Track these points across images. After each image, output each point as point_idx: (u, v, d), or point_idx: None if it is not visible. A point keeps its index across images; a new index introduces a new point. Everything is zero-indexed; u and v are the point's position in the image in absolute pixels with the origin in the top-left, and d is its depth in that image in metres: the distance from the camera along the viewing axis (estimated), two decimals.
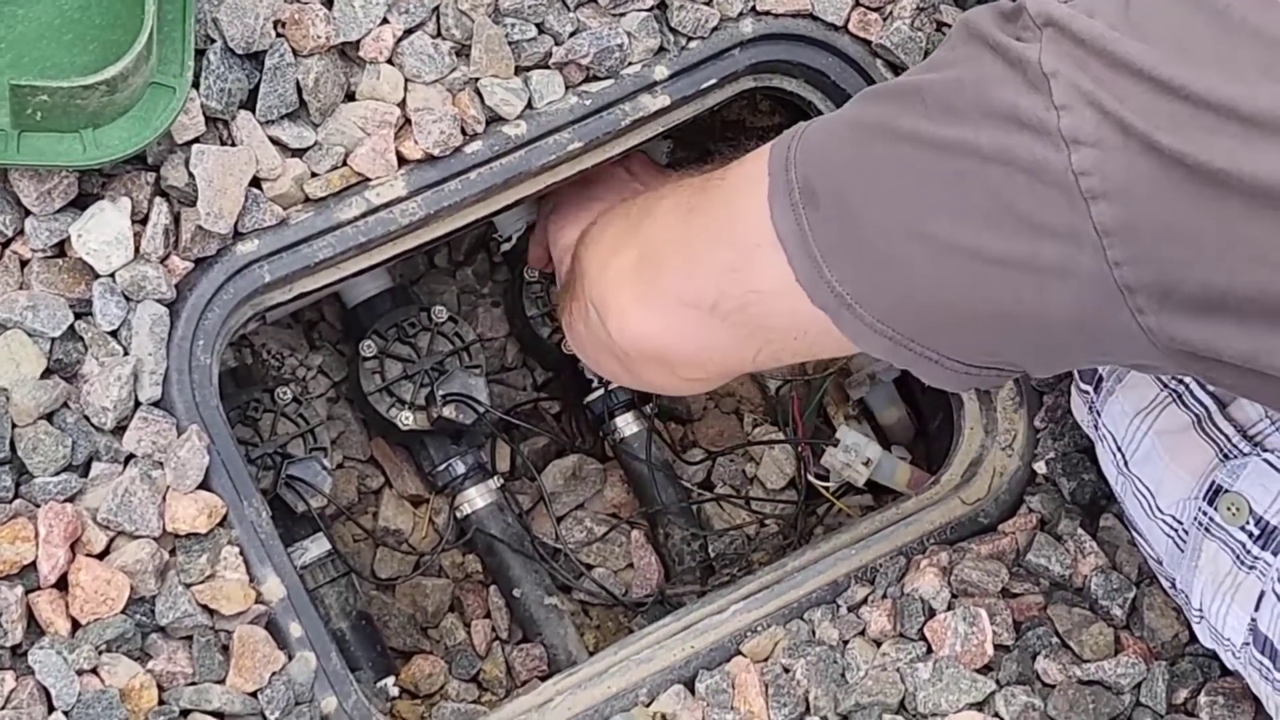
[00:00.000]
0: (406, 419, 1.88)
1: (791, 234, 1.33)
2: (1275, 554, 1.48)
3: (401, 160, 1.67)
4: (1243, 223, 1.16)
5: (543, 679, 1.87)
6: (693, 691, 1.66)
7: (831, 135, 1.36)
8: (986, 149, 1.21)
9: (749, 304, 1.39)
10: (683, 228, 1.46)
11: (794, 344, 1.41)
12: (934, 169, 1.25)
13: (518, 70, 1.70)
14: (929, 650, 1.65)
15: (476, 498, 1.92)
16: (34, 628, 1.51)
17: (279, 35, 1.62)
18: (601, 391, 1.96)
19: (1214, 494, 1.52)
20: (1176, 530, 1.56)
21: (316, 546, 1.81)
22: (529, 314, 1.93)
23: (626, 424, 1.97)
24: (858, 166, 1.31)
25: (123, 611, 1.52)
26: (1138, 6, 1.20)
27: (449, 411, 1.86)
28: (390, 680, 1.82)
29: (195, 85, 1.59)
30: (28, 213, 1.56)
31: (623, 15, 1.73)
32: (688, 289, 1.43)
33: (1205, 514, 1.53)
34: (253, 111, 1.62)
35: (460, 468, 1.92)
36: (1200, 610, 1.56)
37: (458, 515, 1.93)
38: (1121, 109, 1.16)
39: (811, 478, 1.97)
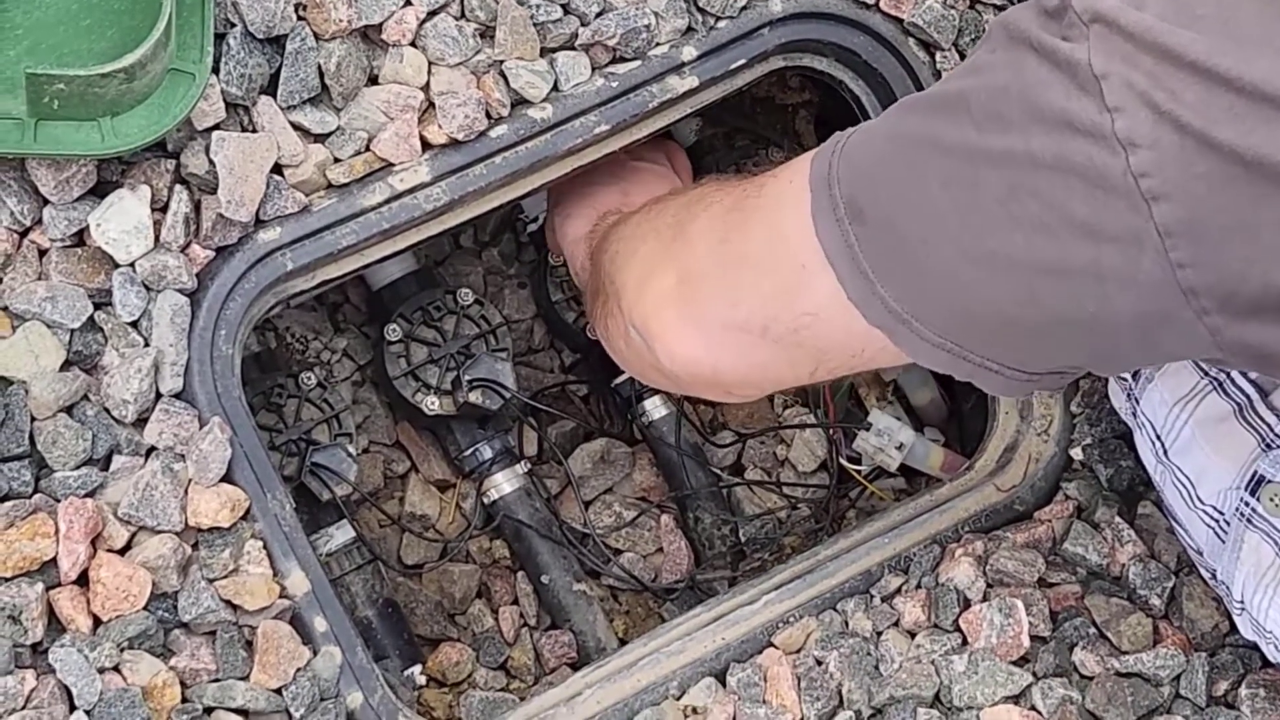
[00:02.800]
0: (432, 404, 1.86)
1: (840, 252, 1.30)
2: None
3: (425, 145, 1.64)
4: None
5: (572, 666, 1.87)
6: (724, 684, 1.64)
7: (874, 150, 1.32)
8: (1039, 157, 1.18)
9: (802, 326, 1.36)
10: (722, 248, 1.42)
11: (851, 360, 1.39)
12: (985, 181, 1.21)
13: (543, 52, 1.67)
14: (964, 642, 1.63)
15: (504, 483, 1.91)
16: (55, 625, 1.49)
17: (300, 19, 1.60)
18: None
19: (1256, 484, 1.50)
20: (1218, 521, 1.54)
21: (342, 534, 1.80)
22: (554, 298, 1.91)
23: (655, 407, 1.95)
24: (905, 182, 1.28)
25: (145, 608, 1.50)
26: None
27: (475, 397, 1.85)
28: (417, 668, 1.81)
29: (215, 71, 1.56)
30: (46, 202, 1.54)
31: None
32: (735, 313, 1.40)
33: (1247, 504, 1.50)
34: (274, 97, 1.60)
35: (487, 452, 1.90)
36: (1242, 602, 1.54)
37: (485, 500, 1.91)
38: (1176, 106, 1.13)
39: (843, 461, 1.95)
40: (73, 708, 1.46)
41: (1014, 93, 1.19)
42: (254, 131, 1.59)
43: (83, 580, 1.50)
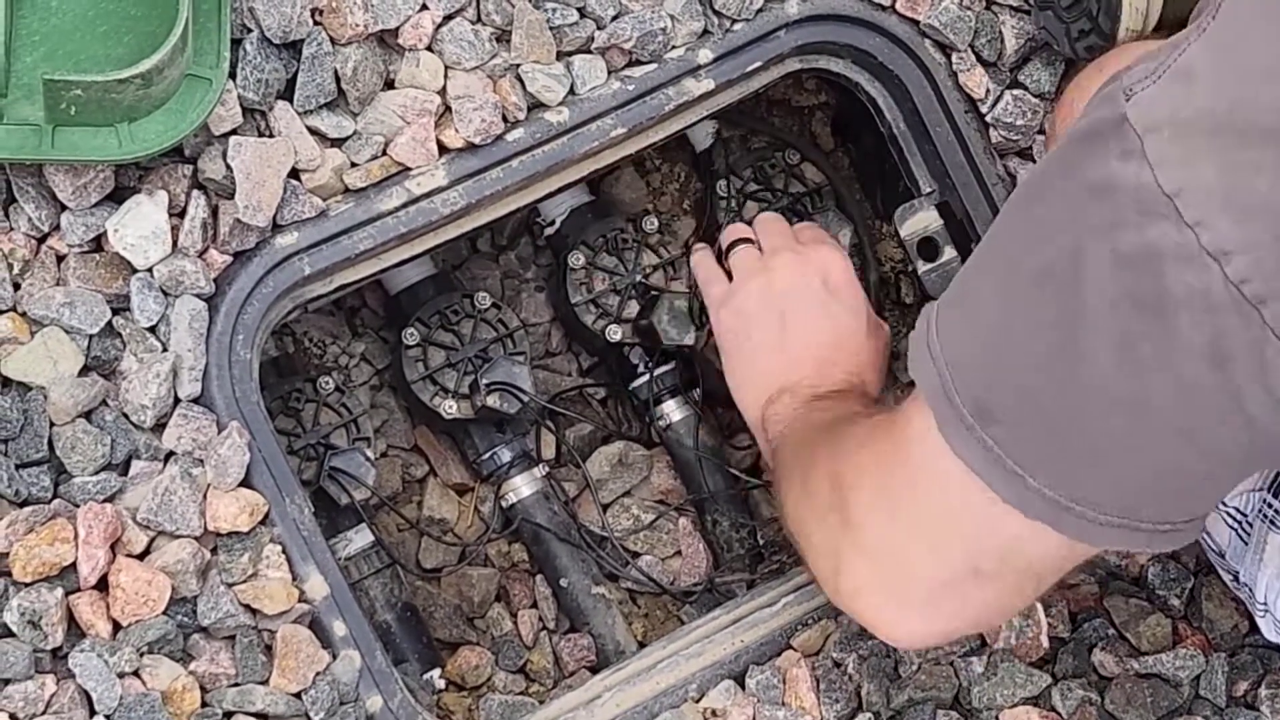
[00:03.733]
0: (450, 408, 1.86)
1: (980, 458, 1.26)
2: None
3: (442, 149, 1.65)
4: None
5: (591, 669, 1.86)
6: (743, 687, 1.64)
7: (977, 343, 1.27)
8: (1140, 299, 1.14)
9: (1007, 553, 1.32)
10: (889, 509, 1.37)
11: (1064, 562, 1.35)
12: (1097, 343, 1.17)
13: (559, 55, 1.67)
14: (983, 644, 1.63)
15: (522, 486, 1.90)
16: (74, 630, 1.50)
17: (316, 23, 1.60)
18: (647, 377, 1.94)
19: (1279, 486, 1.49)
20: (1240, 523, 1.53)
21: (360, 538, 1.80)
22: (573, 301, 1.91)
23: (673, 409, 1.95)
24: (1018, 369, 1.24)
25: (164, 612, 1.51)
26: (1227, 37, 1.13)
27: (493, 400, 1.85)
28: (436, 672, 1.81)
29: (232, 76, 1.56)
30: (63, 207, 1.54)
31: None
32: (939, 571, 1.36)
33: (1270, 506, 1.50)
34: (290, 102, 1.60)
35: (505, 456, 1.90)
36: (1265, 604, 1.53)
37: (503, 504, 1.91)
38: (1255, 192, 1.09)
39: None
40: (93, 712, 1.47)
41: (1089, 248, 1.15)
42: (271, 136, 1.59)
43: (102, 585, 1.50)
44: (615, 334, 1.89)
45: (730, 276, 1.82)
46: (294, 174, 1.60)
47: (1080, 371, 1.19)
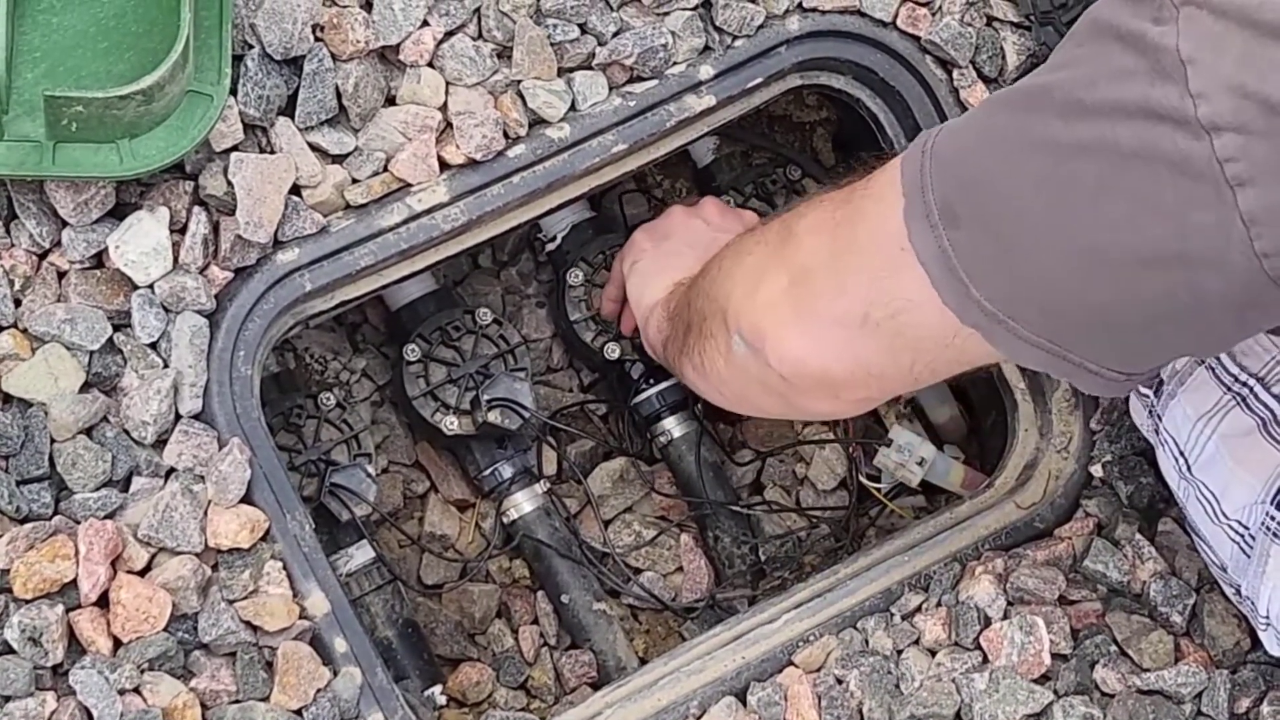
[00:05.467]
0: (451, 424, 1.86)
1: (934, 257, 1.29)
2: None
3: (443, 165, 1.65)
4: None
5: (592, 685, 1.86)
6: (744, 703, 1.64)
7: (964, 149, 1.31)
8: (1125, 146, 1.16)
9: (898, 311, 1.34)
10: (828, 246, 1.41)
11: (946, 353, 1.37)
12: (1075, 175, 1.20)
13: (560, 72, 1.68)
14: (985, 660, 1.63)
15: (523, 502, 1.90)
16: (75, 647, 1.49)
17: (317, 39, 1.60)
18: (649, 393, 1.94)
19: None
20: (1242, 536, 1.53)
21: (361, 554, 1.80)
22: (573, 318, 1.91)
23: (674, 425, 1.95)
24: (995, 180, 1.27)
25: (165, 629, 1.51)
26: None
27: (494, 417, 1.85)
28: (438, 688, 1.81)
29: (233, 92, 1.57)
30: (65, 224, 1.54)
31: (667, 14, 1.70)
32: (839, 305, 1.39)
33: (1273, 519, 1.50)
34: (292, 118, 1.60)
35: (507, 472, 1.90)
36: (1268, 618, 1.53)
37: (504, 520, 1.91)
38: (1265, 86, 1.11)
39: (863, 479, 1.94)
40: None
41: (1099, 82, 1.18)
42: (272, 153, 1.59)
43: (103, 602, 1.50)
44: (614, 351, 1.90)
45: None
46: (295, 190, 1.60)
47: (1050, 193, 1.21)
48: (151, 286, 1.55)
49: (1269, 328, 1.29)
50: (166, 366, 1.56)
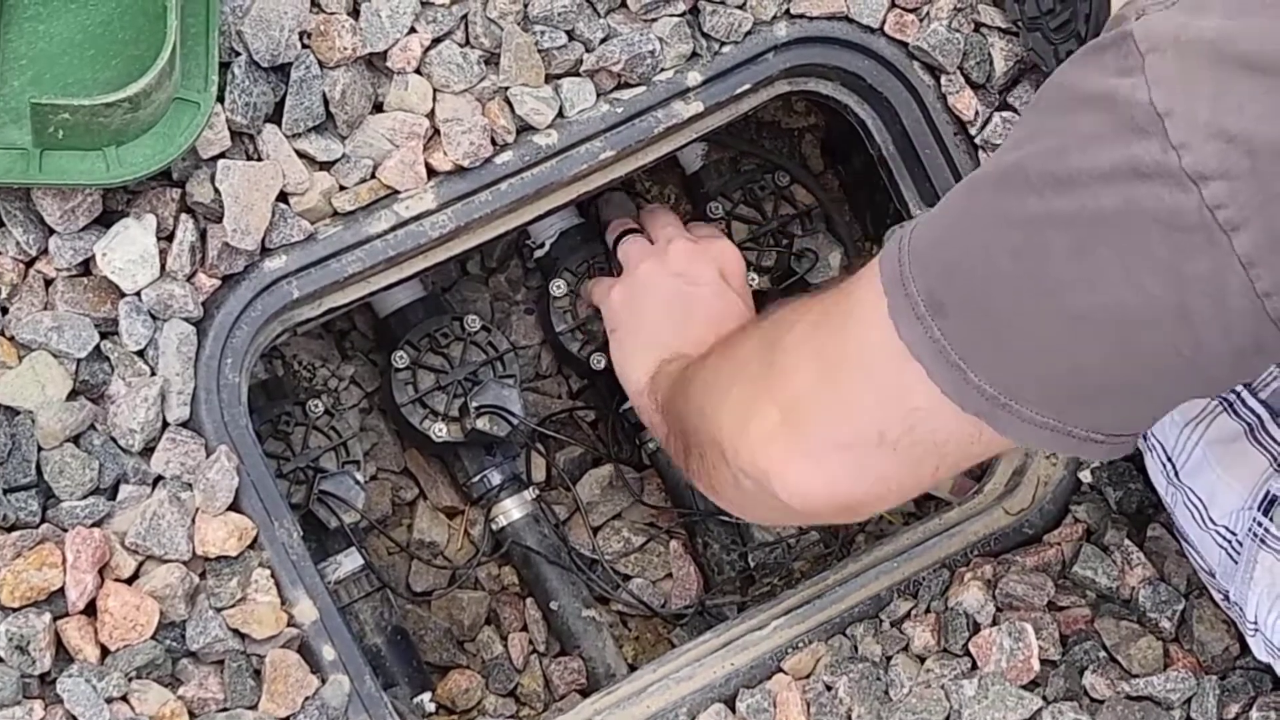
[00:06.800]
0: (440, 431, 1.86)
1: (927, 348, 1.26)
2: None
3: (431, 172, 1.65)
4: None
5: (581, 692, 1.86)
6: (733, 710, 1.64)
7: (941, 237, 1.28)
8: (1108, 210, 1.14)
9: (914, 424, 1.30)
10: (815, 368, 1.37)
11: (970, 448, 1.33)
12: (1054, 244, 1.18)
13: (548, 78, 1.67)
14: (974, 666, 1.63)
15: (512, 509, 1.90)
16: (62, 655, 1.49)
17: (305, 47, 1.60)
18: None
19: (1269, 504, 1.49)
20: (1230, 542, 1.53)
21: (350, 561, 1.79)
22: (558, 329, 1.90)
23: None
24: (977, 264, 1.24)
25: (153, 637, 1.50)
26: None
27: (482, 424, 1.84)
28: (427, 696, 1.80)
29: (220, 99, 1.56)
30: (51, 231, 1.54)
31: (654, 21, 1.70)
32: (845, 430, 1.35)
33: (1260, 525, 1.50)
34: (279, 125, 1.60)
35: (495, 479, 1.90)
36: (1255, 623, 1.53)
37: (493, 527, 1.91)
38: (1243, 121, 1.10)
39: None
40: None
41: (1070, 152, 1.16)
42: (259, 160, 1.59)
43: (90, 610, 1.50)
44: (600, 362, 1.89)
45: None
46: (282, 197, 1.60)
47: (1034, 268, 1.20)
48: (139, 294, 1.55)
49: (1268, 367, 1.29)
50: (154, 374, 1.55)
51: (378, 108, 1.64)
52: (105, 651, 1.49)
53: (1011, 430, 1.26)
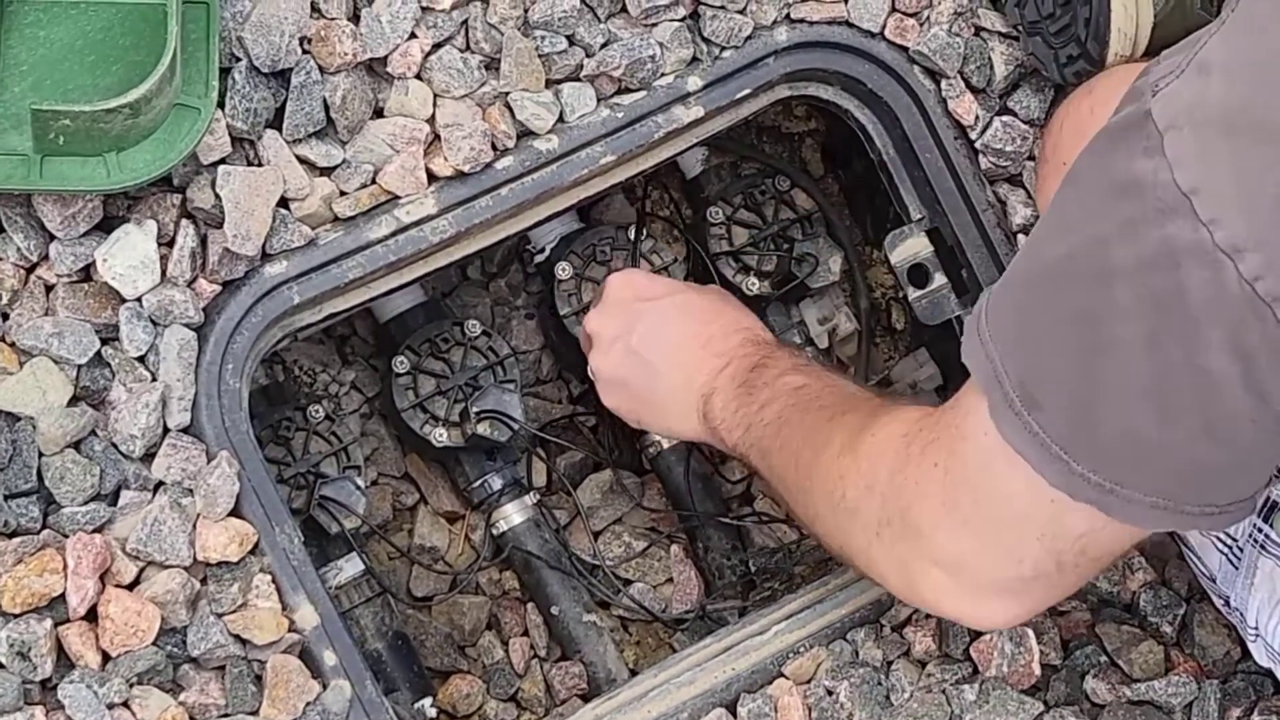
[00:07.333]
0: (440, 436, 1.86)
1: (1028, 443, 1.26)
2: None
3: (431, 177, 1.64)
4: None
5: (582, 697, 1.86)
6: (734, 715, 1.64)
7: (1019, 339, 1.28)
8: (1162, 294, 1.15)
9: (1084, 547, 1.32)
10: (961, 522, 1.36)
11: (1134, 539, 1.37)
12: (1125, 336, 1.18)
13: (548, 83, 1.67)
14: (975, 671, 1.62)
15: (513, 514, 1.90)
16: (64, 661, 1.49)
17: (305, 52, 1.60)
18: None
19: (1269, 510, 1.49)
20: (1230, 548, 1.53)
21: (351, 566, 1.79)
22: (562, 313, 1.90)
23: (664, 437, 1.94)
24: (1053, 359, 1.24)
25: (154, 643, 1.50)
26: (1243, 31, 1.13)
27: (483, 429, 1.84)
28: (428, 701, 1.80)
29: (220, 105, 1.56)
30: (52, 237, 1.54)
31: (655, 26, 1.70)
32: (1025, 569, 1.36)
33: (1261, 531, 1.50)
34: (279, 130, 1.60)
35: (496, 484, 1.90)
36: (1256, 629, 1.53)
37: (494, 532, 1.91)
38: (1266, 190, 1.10)
39: None
40: None
41: (1113, 243, 1.17)
42: (260, 165, 1.59)
43: (91, 616, 1.50)
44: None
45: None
46: (283, 203, 1.60)
47: (1109, 364, 1.20)
48: (139, 300, 1.55)
49: None
50: (155, 380, 1.55)
51: (378, 113, 1.64)
52: (106, 657, 1.49)
53: (1124, 514, 1.27)
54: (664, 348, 1.73)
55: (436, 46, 1.64)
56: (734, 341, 1.70)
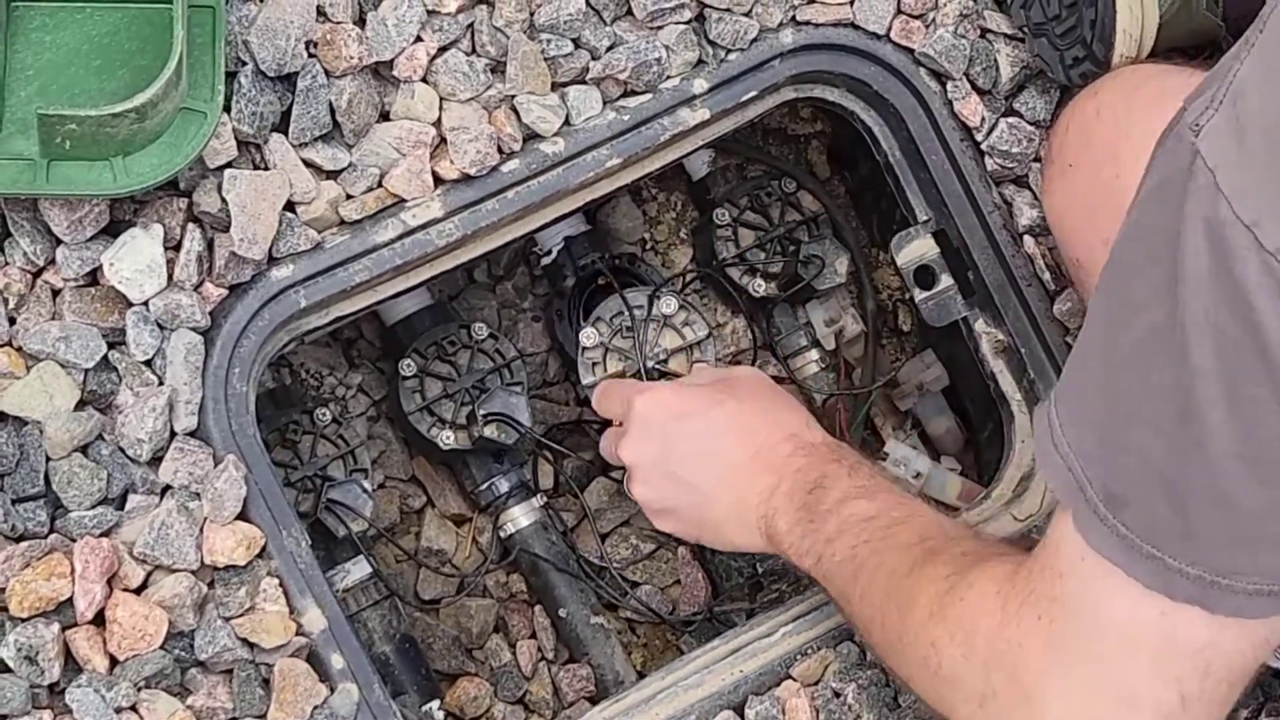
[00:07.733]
0: (447, 438, 1.86)
1: (1116, 547, 1.21)
2: None
3: (438, 180, 1.64)
4: None
5: (590, 699, 1.86)
6: (742, 717, 1.64)
7: (1093, 432, 1.23)
8: (1242, 342, 1.09)
9: (1205, 671, 1.24)
10: (1068, 673, 1.28)
11: (1257, 653, 1.26)
12: (1208, 399, 1.12)
13: (554, 86, 1.67)
14: None
15: (520, 516, 1.90)
16: (71, 665, 1.49)
17: (311, 56, 1.60)
18: None
19: None
20: None
21: (358, 569, 1.79)
22: (585, 381, 1.88)
23: None
24: (1138, 445, 1.18)
25: (161, 647, 1.50)
26: (1274, 51, 1.09)
27: (490, 431, 1.84)
28: (435, 704, 1.80)
29: (226, 109, 1.56)
30: (59, 241, 1.54)
31: (660, 28, 1.70)
32: (1146, 712, 1.26)
33: None
34: (285, 134, 1.60)
35: (503, 486, 1.90)
36: None
37: (501, 534, 1.91)
38: None
39: None
40: None
41: (1186, 302, 1.12)
42: (266, 169, 1.59)
43: (99, 620, 1.50)
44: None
45: None
46: (289, 206, 1.60)
47: (1197, 431, 1.14)
48: (146, 304, 1.55)
49: None
50: (161, 384, 1.55)
51: (384, 116, 1.64)
52: (114, 661, 1.49)
53: (1228, 606, 1.20)
54: (709, 470, 1.68)
55: (442, 50, 1.65)
56: (783, 453, 1.64)
